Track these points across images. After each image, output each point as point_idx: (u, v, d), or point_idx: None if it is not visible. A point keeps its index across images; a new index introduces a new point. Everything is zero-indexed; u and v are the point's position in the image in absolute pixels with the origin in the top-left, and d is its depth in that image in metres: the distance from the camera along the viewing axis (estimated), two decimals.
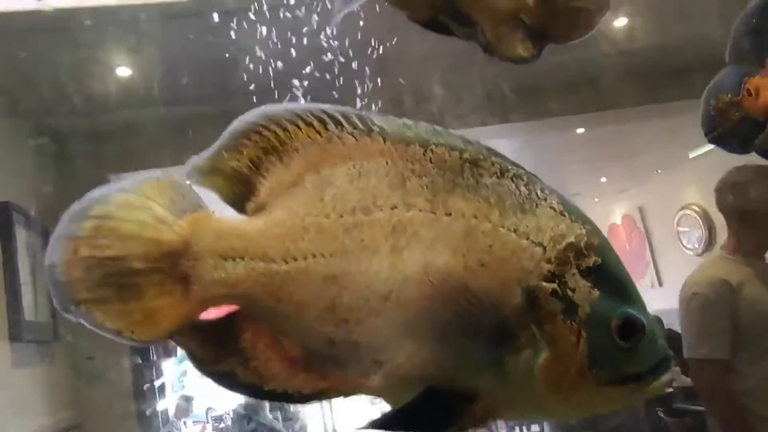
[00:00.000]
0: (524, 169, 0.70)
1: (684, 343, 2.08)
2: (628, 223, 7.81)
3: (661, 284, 7.17)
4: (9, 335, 2.85)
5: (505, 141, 5.02)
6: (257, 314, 0.68)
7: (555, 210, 0.68)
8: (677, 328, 2.16)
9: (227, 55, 2.82)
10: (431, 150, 0.69)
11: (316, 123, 0.69)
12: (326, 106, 0.70)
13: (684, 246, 6.64)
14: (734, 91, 1.46)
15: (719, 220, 5.38)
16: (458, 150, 0.69)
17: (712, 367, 2.02)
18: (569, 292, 0.65)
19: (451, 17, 0.93)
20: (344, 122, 0.69)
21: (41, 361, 3.25)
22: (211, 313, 0.69)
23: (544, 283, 0.65)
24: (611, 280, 0.67)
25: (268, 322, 0.68)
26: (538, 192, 0.69)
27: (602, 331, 0.64)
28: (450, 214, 0.67)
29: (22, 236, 3.04)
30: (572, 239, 0.67)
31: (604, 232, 0.70)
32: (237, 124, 0.70)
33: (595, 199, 8.02)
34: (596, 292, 0.65)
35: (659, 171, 6.86)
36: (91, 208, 0.65)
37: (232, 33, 2.71)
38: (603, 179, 7.21)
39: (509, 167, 0.70)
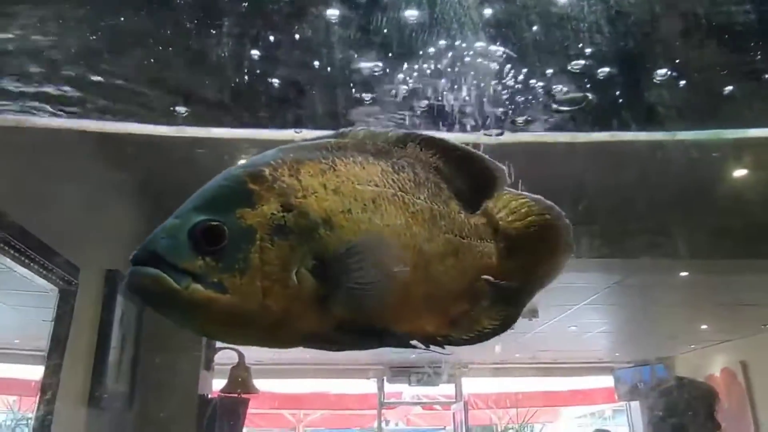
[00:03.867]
0: None
1: None
2: (727, 377, 7.31)
3: None
4: (88, 400, 2.93)
5: (600, 275, 4.88)
6: None
7: None
8: None
9: None
10: None
11: None
12: None
13: None
14: None
15: None
16: None
17: None
18: None
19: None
20: None
21: (114, 430, 3.29)
22: None
23: None
24: None
25: None
26: None
27: None
28: None
29: (119, 304, 3.18)
30: None
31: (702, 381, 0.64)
32: None
33: (692, 346, 7.61)
34: None
35: (766, 326, 6.45)
36: None
37: None
38: (703, 326, 6.84)
39: None
